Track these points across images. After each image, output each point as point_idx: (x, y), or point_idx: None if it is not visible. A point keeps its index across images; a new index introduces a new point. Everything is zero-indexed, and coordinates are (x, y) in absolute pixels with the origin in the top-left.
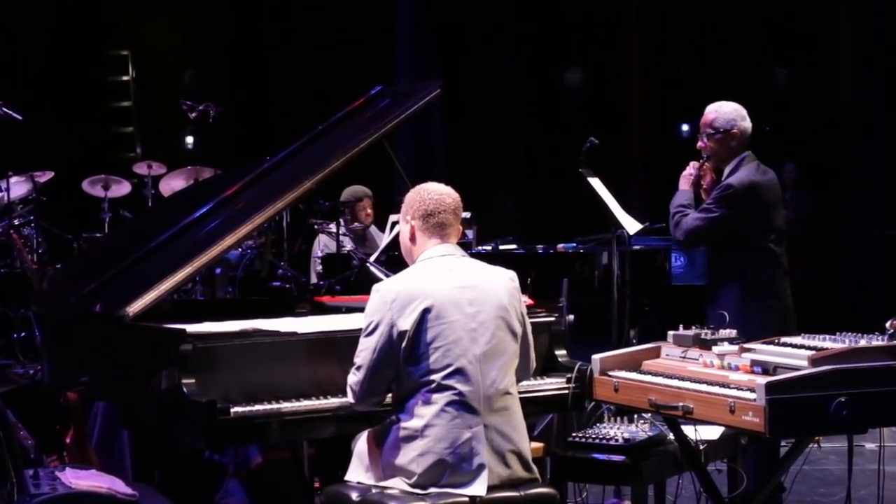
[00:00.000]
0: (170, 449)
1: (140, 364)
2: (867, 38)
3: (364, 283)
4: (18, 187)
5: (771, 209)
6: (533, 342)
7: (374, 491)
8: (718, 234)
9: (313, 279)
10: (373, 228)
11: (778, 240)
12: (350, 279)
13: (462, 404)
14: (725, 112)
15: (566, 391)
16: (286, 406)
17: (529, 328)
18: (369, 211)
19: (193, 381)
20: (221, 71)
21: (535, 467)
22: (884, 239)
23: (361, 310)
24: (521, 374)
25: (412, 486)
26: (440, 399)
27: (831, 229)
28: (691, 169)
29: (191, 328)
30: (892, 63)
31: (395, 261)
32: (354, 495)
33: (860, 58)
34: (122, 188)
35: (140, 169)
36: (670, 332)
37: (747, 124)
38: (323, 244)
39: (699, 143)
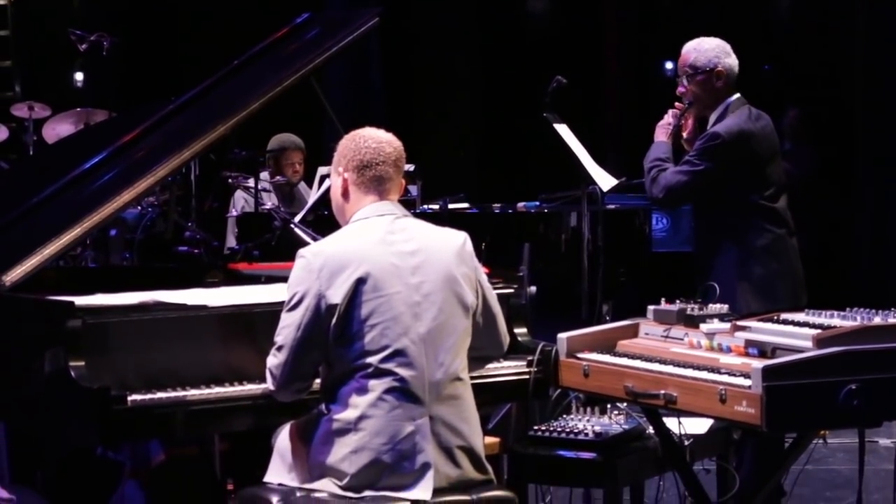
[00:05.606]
0: (54, 445)
1: (18, 343)
2: None
3: (287, 248)
4: None
5: (765, 162)
6: (501, 312)
7: (298, 495)
8: (704, 192)
9: (230, 243)
10: (302, 186)
11: (775, 196)
12: (271, 243)
13: (403, 392)
14: (706, 49)
15: (527, 376)
16: (194, 393)
17: (493, 296)
18: (298, 166)
19: (83, 363)
20: None
21: (489, 466)
22: None
23: (284, 279)
24: (492, 350)
25: (344, 488)
26: (378, 386)
27: (841, 187)
28: (669, 118)
29: (80, 300)
30: None
31: (324, 221)
32: (275, 499)
33: None
34: None
35: (20, 111)
36: (650, 307)
37: (733, 61)
38: (241, 202)
39: (679, 88)
